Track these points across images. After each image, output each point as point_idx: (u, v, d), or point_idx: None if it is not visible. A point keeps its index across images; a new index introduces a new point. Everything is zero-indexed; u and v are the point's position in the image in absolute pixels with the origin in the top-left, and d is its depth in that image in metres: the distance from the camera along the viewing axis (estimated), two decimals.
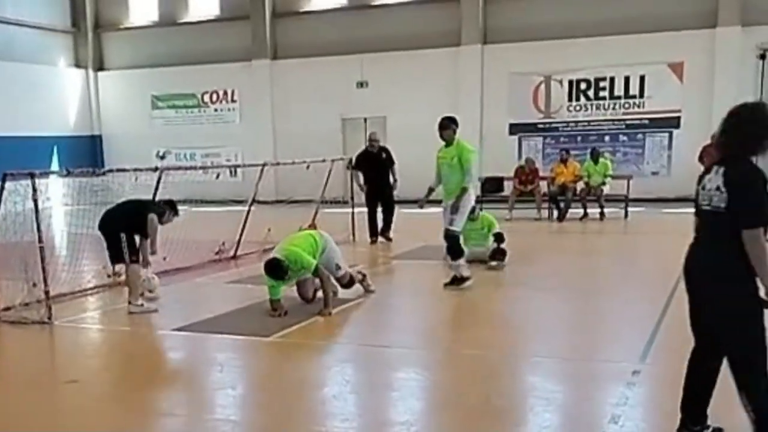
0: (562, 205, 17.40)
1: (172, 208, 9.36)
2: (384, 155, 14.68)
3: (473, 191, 9.78)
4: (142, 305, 8.75)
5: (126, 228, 8.83)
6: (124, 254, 8.73)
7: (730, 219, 4.14)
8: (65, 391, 6.20)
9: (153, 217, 8.90)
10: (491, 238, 11.42)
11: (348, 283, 8.96)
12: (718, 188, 4.23)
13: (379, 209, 14.42)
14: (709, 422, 4.65)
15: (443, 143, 9.66)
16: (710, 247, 4.33)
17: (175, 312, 9.15)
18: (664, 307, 8.37)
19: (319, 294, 8.69)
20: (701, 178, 4.46)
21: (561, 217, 17.25)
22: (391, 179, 14.63)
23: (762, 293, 4.17)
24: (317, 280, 8.63)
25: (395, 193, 14.68)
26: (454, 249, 9.51)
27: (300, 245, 8.54)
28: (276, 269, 8.27)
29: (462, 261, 9.59)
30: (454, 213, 9.39)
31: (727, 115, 4.43)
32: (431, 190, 9.99)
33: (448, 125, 9.60)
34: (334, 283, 8.80)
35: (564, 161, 17.91)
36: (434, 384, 6.30)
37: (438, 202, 9.92)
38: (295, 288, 8.82)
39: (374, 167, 14.49)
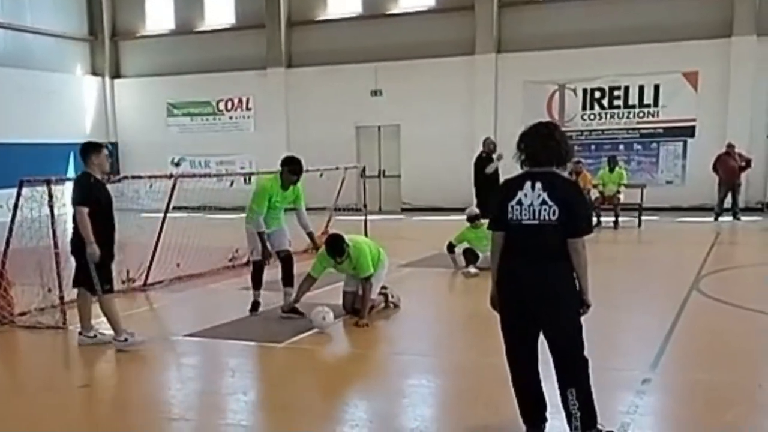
0: None
1: (94, 149, 7.53)
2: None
3: None
4: (126, 340, 7.47)
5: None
6: (94, 281, 7.38)
7: (560, 231, 4.47)
8: (78, 395, 6.26)
9: (79, 209, 7.24)
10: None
11: (370, 310, 8.56)
12: (544, 202, 4.48)
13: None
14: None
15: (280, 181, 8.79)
16: (546, 260, 4.56)
17: (187, 317, 9.22)
18: (676, 316, 8.37)
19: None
20: (509, 195, 4.60)
21: None
22: None
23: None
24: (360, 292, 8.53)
25: None
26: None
27: (369, 247, 8.57)
28: (336, 244, 8.23)
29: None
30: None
31: (524, 133, 4.68)
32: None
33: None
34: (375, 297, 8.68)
35: (577, 173, 17.75)
36: (445, 391, 6.32)
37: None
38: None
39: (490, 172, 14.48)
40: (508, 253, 4.68)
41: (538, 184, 4.51)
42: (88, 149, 7.50)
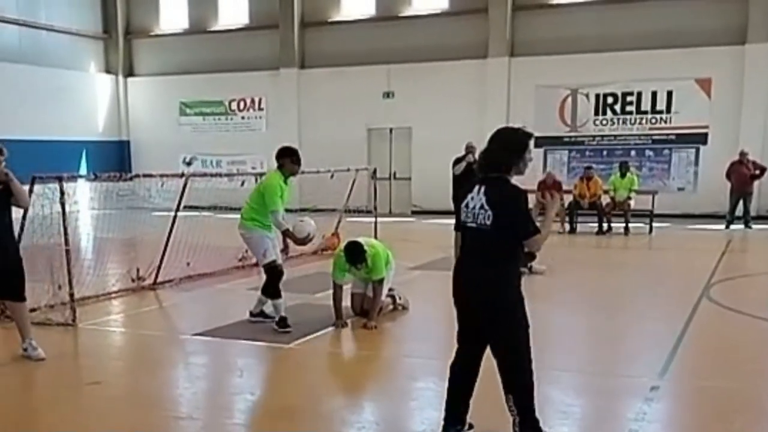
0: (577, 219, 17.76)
1: None
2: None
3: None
4: (26, 349, 7.12)
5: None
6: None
7: (494, 236, 4.50)
8: (88, 392, 6.28)
9: None
10: None
11: (378, 312, 8.53)
12: (482, 207, 4.54)
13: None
14: (469, 422, 4.97)
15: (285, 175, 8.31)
16: (481, 263, 4.61)
17: (196, 317, 9.24)
18: (686, 323, 8.34)
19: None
20: (463, 197, 4.70)
21: (600, 231, 17.34)
22: None
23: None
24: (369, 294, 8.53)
25: None
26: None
27: (383, 252, 8.54)
28: (356, 252, 8.18)
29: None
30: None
31: (491, 134, 4.76)
32: None
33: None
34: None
35: (588, 179, 17.81)
36: None
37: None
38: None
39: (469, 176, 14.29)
40: (461, 253, 4.82)
41: (483, 188, 4.60)
42: None
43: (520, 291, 4.65)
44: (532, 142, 4.76)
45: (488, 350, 4.80)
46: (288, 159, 8.26)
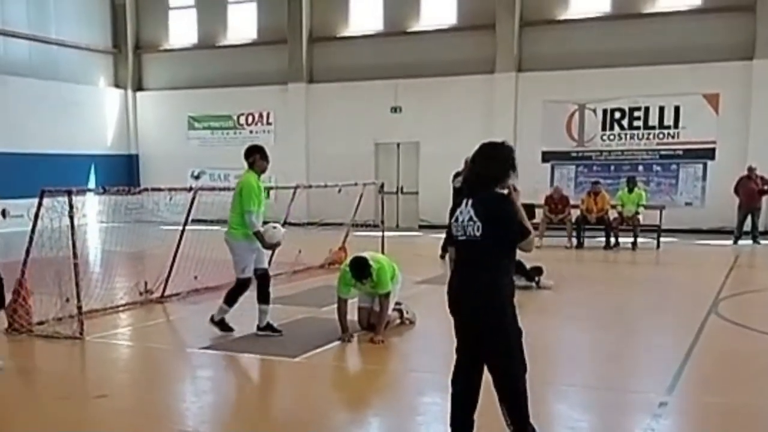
0: (583, 233, 17.70)
1: None
2: None
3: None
4: None
5: None
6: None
7: (486, 246, 4.58)
8: (95, 405, 6.29)
9: None
10: None
11: (385, 326, 8.55)
12: (471, 219, 4.62)
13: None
14: None
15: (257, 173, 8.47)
16: (474, 271, 4.67)
17: (204, 330, 9.23)
18: (694, 339, 8.31)
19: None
20: (453, 213, 4.79)
21: (607, 246, 17.35)
22: None
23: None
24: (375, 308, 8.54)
25: None
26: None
27: (388, 264, 8.57)
28: (361, 267, 8.22)
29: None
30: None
31: (475, 151, 4.81)
32: None
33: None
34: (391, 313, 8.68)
35: (595, 194, 17.81)
36: None
37: None
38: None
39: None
40: (455, 265, 4.87)
41: (470, 202, 4.67)
42: None
43: (512, 301, 4.70)
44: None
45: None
46: (257, 155, 8.45)
